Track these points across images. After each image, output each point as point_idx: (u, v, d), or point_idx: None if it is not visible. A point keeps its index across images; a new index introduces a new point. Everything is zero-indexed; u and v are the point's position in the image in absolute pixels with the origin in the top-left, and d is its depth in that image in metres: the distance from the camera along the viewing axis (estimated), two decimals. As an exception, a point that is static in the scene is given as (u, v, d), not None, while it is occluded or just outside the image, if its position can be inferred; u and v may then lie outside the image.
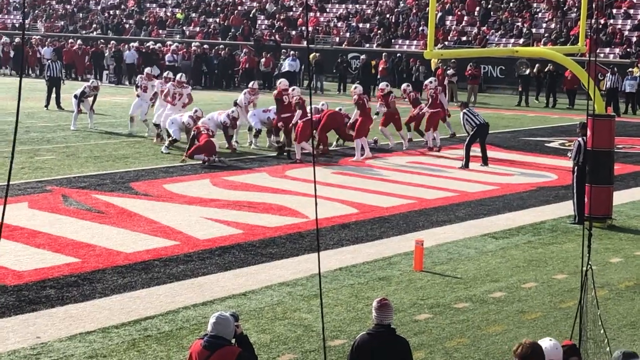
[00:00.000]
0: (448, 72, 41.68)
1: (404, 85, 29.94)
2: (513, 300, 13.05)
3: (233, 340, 7.71)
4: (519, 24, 49.04)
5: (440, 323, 11.96)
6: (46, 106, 34.24)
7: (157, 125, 26.39)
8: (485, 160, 24.11)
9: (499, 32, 48.78)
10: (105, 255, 14.57)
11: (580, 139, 17.80)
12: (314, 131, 24.05)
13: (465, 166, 23.73)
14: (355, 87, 26.21)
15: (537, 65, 41.08)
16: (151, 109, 27.58)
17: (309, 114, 23.22)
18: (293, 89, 25.82)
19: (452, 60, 41.52)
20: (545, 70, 40.62)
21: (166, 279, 13.52)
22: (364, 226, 17.25)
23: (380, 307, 8.09)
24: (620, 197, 19.74)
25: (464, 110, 24.28)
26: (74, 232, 15.82)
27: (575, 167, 17.89)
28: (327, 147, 25.55)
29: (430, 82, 28.56)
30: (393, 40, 51.71)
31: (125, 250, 14.86)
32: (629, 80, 38.42)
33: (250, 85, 27.92)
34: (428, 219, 17.99)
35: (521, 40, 46.57)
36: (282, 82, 26.31)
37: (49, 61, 36.96)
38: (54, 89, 34.46)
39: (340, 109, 26.65)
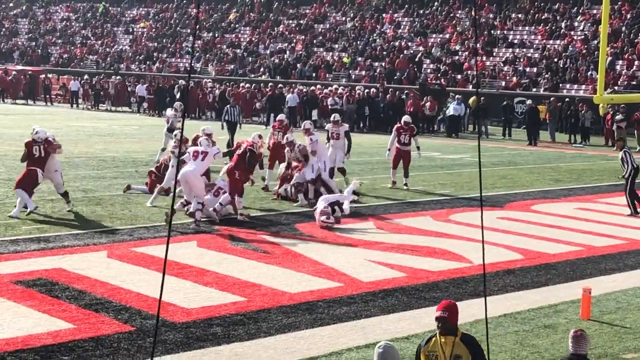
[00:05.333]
0: (617, 117, 40.79)
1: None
2: (685, 353, 12.61)
3: None
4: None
5: (608, 374, 11.66)
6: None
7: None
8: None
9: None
10: (270, 294, 14.77)
11: None
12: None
13: (635, 213, 23.14)
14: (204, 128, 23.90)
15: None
16: None
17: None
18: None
19: (622, 106, 40.61)
20: None
21: (330, 320, 13.59)
22: (529, 272, 16.99)
23: (576, 338, 8.53)
24: None
25: (625, 149, 23.61)
26: (241, 272, 16.10)
27: None
28: None
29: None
30: (561, 85, 51.04)
31: (289, 291, 15.03)
32: None
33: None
34: (596, 267, 17.60)
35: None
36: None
37: (228, 105, 37.73)
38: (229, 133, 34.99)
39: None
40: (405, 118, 28.25)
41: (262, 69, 63.23)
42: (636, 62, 50.34)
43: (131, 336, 12.41)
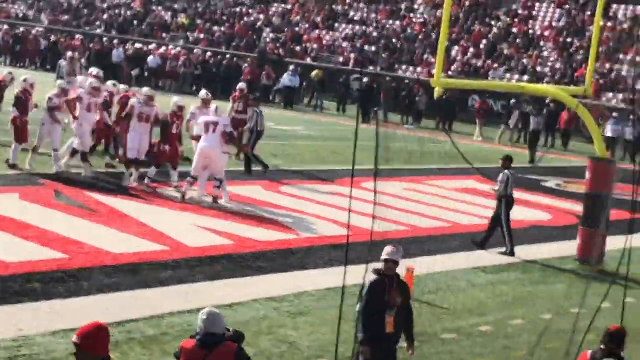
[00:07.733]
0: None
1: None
2: (499, 336, 12.97)
3: None
4: (525, 61, 49.16)
5: (425, 352, 11.85)
6: None
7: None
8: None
9: (504, 68, 48.83)
10: (93, 253, 14.44)
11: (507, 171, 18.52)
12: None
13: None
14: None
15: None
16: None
17: None
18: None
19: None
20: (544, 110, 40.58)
21: (153, 283, 13.39)
22: (356, 248, 17.09)
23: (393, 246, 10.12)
24: (614, 243, 19.64)
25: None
26: (64, 228, 15.67)
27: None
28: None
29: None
30: (397, 65, 51.74)
31: (113, 251, 14.73)
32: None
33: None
34: (420, 247, 17.88)
35: (525, 77, 46.56)
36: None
37: (62, 60, 36.48)
38: None
39: None
40: (240, 85, 28.04)
41: (98, 23, 61.75)
42: (471, 50, 51.46)
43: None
